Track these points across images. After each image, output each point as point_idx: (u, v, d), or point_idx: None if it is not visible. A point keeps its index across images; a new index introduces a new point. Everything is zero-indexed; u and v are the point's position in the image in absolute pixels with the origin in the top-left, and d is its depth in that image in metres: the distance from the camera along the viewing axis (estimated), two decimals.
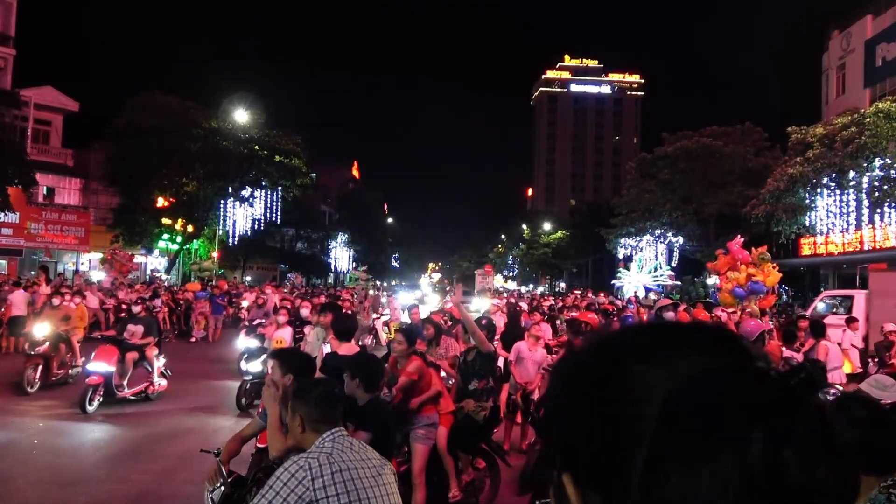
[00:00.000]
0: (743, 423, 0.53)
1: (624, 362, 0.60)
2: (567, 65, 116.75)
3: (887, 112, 26.06)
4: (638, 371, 0.58)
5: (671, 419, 0.54)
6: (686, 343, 0.62)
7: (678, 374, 0.57)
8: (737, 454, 0.52)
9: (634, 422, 0.56)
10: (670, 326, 0.69)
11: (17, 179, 28.49)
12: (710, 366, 0.58)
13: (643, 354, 0.60)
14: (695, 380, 0.57)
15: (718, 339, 0.62)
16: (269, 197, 41.14)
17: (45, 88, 37.29)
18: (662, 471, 0.53)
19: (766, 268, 20.47)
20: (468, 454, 6.12)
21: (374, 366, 4.33)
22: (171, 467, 7.30)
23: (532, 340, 8.47)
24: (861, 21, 37.80)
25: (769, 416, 0.54)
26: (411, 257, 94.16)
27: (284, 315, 10.57)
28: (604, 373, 0.61)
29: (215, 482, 3.76)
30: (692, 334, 0.64)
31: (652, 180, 41.31)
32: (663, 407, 0.55)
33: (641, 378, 0.58)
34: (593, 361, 0.64)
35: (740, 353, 0.60)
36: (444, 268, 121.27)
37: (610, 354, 0.63)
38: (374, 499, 2.59)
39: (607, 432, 0.57)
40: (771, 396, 0.55)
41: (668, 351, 0.60)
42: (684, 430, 0.54)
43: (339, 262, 60.60)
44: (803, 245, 33.91)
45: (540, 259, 66.79)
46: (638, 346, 0.62)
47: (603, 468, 0.58)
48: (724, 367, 0.58)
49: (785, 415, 0.54)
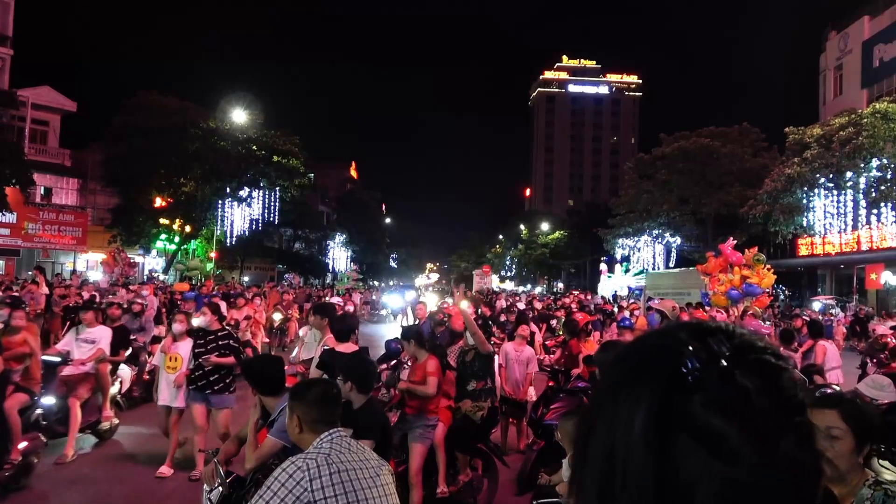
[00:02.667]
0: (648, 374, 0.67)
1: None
2: (565, 65, 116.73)
3: (885, 112, 26.12)
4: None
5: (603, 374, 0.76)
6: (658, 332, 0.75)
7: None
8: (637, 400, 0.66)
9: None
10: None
11: (14, 179, 28.43)
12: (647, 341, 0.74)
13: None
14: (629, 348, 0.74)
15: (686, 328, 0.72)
16: (267, 197, 41.10)
17: (43, 88, 37.24)
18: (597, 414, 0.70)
19: (761, 269, 20.48)
20: (466, 454, 6.12)
21: (367, 368, 4.32)
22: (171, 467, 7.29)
23: (519, 341, 8.47)
24: (858, 22, 37.89)
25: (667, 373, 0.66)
26: (409, 258, 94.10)
27: (182, 323, 7.54)
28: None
29: (213, 483, 3.76)
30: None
31: (650, 181, 41.35)
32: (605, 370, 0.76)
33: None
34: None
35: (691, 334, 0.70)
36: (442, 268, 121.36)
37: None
38: (372, 499, 2.59)
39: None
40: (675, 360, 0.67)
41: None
42: (609, 382, 0.72)
43: (338, 262, 60.55)
44: (800, 245, 33.97)
45: (538, 259, 66.78)
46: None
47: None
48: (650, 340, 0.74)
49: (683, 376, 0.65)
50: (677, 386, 0.64)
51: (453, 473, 6.06)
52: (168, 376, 7.11)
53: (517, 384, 8.21)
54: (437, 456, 5.72)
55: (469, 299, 8.67)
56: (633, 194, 42.78)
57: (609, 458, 0.66)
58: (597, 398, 0.73)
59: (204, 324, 7.21)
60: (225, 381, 7.00)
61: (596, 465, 0.67)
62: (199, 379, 6.88)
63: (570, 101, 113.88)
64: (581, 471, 0.70)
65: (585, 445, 0.70)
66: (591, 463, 0.68)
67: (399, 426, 5.75)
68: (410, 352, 5.95)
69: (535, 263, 67.96)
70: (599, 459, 0.67)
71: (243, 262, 46.91)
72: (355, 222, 61.21)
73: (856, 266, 31.12)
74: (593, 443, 0.69)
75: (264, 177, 39.71)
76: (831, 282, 35.76)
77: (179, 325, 7.45)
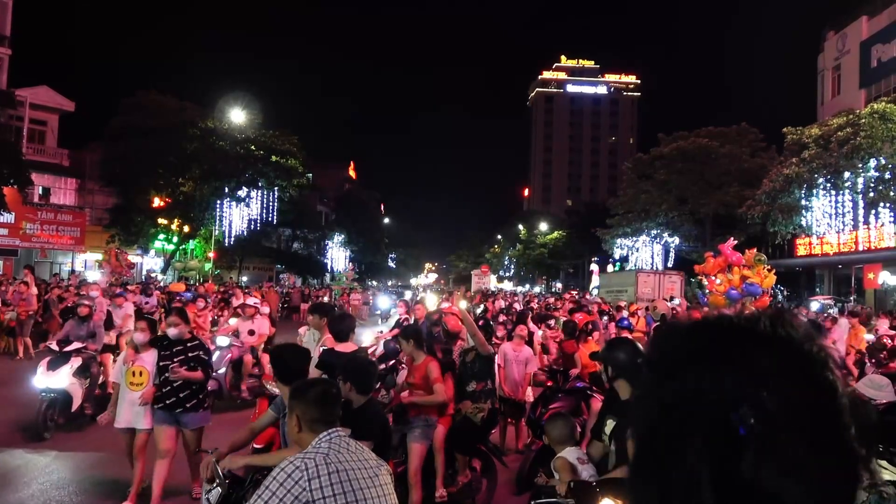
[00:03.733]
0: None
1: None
2: (563, 65, 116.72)
3: (883, 113, 26.14)
4: None
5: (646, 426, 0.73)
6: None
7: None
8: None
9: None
10: None
11: (12, 179, 28.41)
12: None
13: None
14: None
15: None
16: (265, 197, 41.10)
17: (41, 88, 37.21)
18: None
19: (761, 270, 20.48)
20: (465, 455, 6.12)
21: (366, 369, 4.31)
22: None
23: (517, 341, 8.47)
24: (857, 22, 37.92)
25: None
26: (408, 258, 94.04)
27: (145, 332, 6.32)
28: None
29: (212, 482, 3.76)
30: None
31: (648, 181, 41.37)
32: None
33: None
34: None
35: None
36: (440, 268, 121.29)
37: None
38: (371, 500, 2.59)
39: None
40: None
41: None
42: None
43: (336, 262, 60.52)
44: (799, 245, 34.00)
45: (536, 259, 66.80)
46: None
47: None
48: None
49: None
50: (729, 440, 0.60)
51: (452, 474, 6.06)
52: (132, 394, 6.05)
53: (516, 384, 8.22)
54: (436, 459, 5.71)
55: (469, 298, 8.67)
56: (631, 194, 42.80)
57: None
58: (645, 456, 0.68)
59: (176, 334, 6.14)
60: (198, 397, 6.05)
61: None
62: (168, 396, 5.93)
63: (569, 101, 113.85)
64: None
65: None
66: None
67: (398, 426, 5.75)
68: (408, 351, 5.94)
69: (534, 263, 67.99)
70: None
71: (242, 262, 46.89)
72: (354, 222, 61.19)
73: (854, 266, 31.17)
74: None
75: (263, 177, 39.70)
76: (829, 282, 35.80)
77: (141, 334, 6.28)
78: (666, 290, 23.04)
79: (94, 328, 9.57)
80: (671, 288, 23.59)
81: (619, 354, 3.87)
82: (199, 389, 6.07)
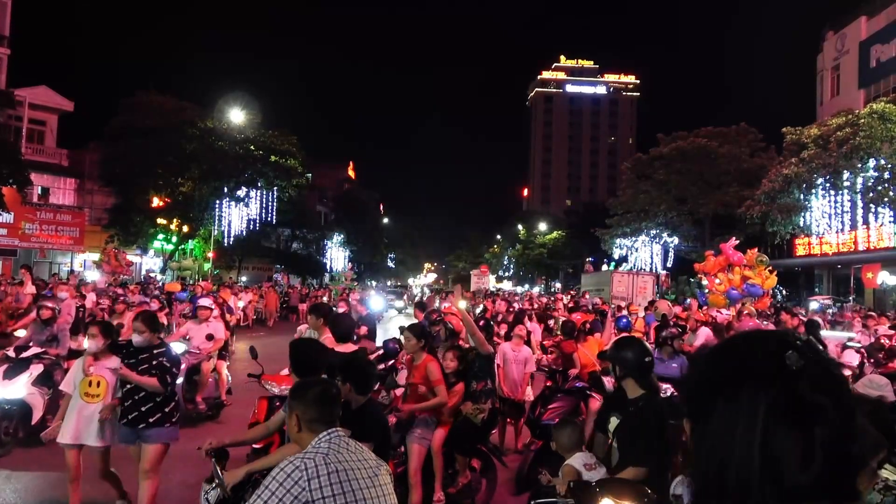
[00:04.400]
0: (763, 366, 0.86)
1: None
2: (563, 65, 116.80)
3: (882, 113, 26.16)
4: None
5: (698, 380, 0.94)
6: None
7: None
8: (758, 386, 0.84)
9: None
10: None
11: (11, 179, 28.40)
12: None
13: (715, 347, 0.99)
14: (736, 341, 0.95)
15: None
16: (264, 197, 41.08)
17: (40, 88, 37.20)
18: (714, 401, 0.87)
19: (763, 270, 20.47)
20: (466, 456, 6.12)
21: (365, 369, 4.30)
22: (167, 467, 7.27)
23: (516, 341, 8.47)
24: (856, 22, 37.95)
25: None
26: (407, 258, 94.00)
27: (97, 338, 5.45)
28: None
29: (211, 482, 3.75)
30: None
31: (647, 181, 41.41)
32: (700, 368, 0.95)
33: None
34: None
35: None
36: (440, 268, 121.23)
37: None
38: (370, 499, 2.59)
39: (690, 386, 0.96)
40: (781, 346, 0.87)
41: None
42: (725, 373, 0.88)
43: (335, 262, 60.50)
44: (798, 245, 34.03)
45: (535, 259, 66.80)
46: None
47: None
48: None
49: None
50: (784, 376, 0.82)
51: (452, 474, 6.06)
52: (86, 406, 5.37)
53: (515, 384, 8.22)
54: (435, 463, 5.70)
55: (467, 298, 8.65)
56: (630, 194, 42.83)
57: (732, 454, 0.81)
58: (702, 401, 0.88)
59: (142, 342, 5.43)
60: (163, 410, 5.37)
61: (716, 463, 0.81)
62: (130, 410, 5.29)
63: (568, 101, 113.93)
64: (705, 473, 0.85)
65: (702, 448, 0.85)
66: (713, 462, 0.82)
67: (398, 427, 5.74)
68: (410, 349, 5.92)
69: (533, 263, 67.99)
70: (720, 458, 0.81)
71: (241, 262, 46.89)
72: (353, 222, 61.17)
73: (853, 266, 31.19)
74: (710, 444, 0.84)
75: (262, 176, 39.69)
76: (828, 282, 35.82)
77: (94, 341, 5.46)
78: (638, 290, 24.59)
79: (57, 332, 8.81)
80: (643, 288, 24.98)
81: (627, 354, 3.89)
82: (163, 402, 5.38)
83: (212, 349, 9.98)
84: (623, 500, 3.33)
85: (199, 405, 9.68)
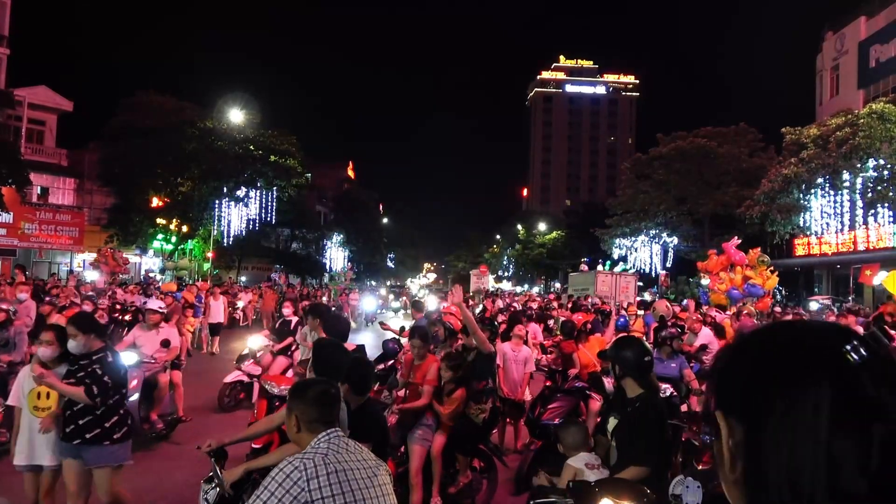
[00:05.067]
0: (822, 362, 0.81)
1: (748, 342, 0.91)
2: (562, 65, 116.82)
3: (881, 113, 26.17)
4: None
5: (758, 364, 0.85)
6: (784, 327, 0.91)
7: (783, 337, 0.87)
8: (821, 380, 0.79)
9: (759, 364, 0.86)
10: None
11: (10, 179, 28.41)
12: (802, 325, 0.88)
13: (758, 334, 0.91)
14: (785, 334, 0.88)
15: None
16: (264, 197, 41.09)
17: (39, 88, 37.21)
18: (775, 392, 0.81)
19: (764, 271, 20.48)
20: (466, 456, 6.12)
21: (363, 369, 4.31)
22: (167, 468, 7.29)
23: (516, 341, 8.47)
24: (855, 22, 37.96)
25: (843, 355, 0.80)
26: (407, 258, 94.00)
27: (52, 345, 4.84)
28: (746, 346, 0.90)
29: (210, 482, 3.75)
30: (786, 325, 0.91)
31: (647, 181, 41.43)
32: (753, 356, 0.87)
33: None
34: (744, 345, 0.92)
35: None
36: (439, 268, 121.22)
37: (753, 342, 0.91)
38: (369, 500, 2.58)
39: (733, 377, 0.88)
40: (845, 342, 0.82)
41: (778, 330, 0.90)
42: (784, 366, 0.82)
43: (335, 262, 60.49)
44: (797, 245, 34.04)
45: (535, 259, 66.78)
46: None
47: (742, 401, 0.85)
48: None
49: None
50: (847, 369, 0.79)
51: (453, 474, 6.06)
52: (35, 420, 4.79)
53: (515, 384, 8.22)
54: (434, 467, 5.70)
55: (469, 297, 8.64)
56: (630, 194, 42.85)
57: (802, 459, 0.76)
58: (755, 397, 0.83)
59: (76, 348, 4.75)
60: (102, 426, 4.70)
61: (783, 463, 0.77)
62: (67, 423, 4.68)
63: (568, 101, 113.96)
64: (769, 480, 0.79)
65: (759, 451, 0.81)
66: (778, 467, 0.78)
67: (398, 427, 5.74)
68: (415, 351, 5.93)
69: (533, 263, 67.96)
70: (788, 462, 0.77)
71: (240, 262, 46.88)
72: (352, 222, 61.17)
73: (852, 266, 31.19)
74: (773, 447, 0.79)
75: (261, 176, 39.70)
76: (828, 282, 35.83)
77: (48, 348, 4.83)
78: (621, 289, 25.45)
79: (12, 336, 8.07)
80: (626, 287, 26.00)
81: (626, 353, 3.90)
82: (103, 416, 4.71)
83: (167, 358, 8.66)
84: (622, 500, 3.33)
85: (155, 424, 8.49)
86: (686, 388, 7.49)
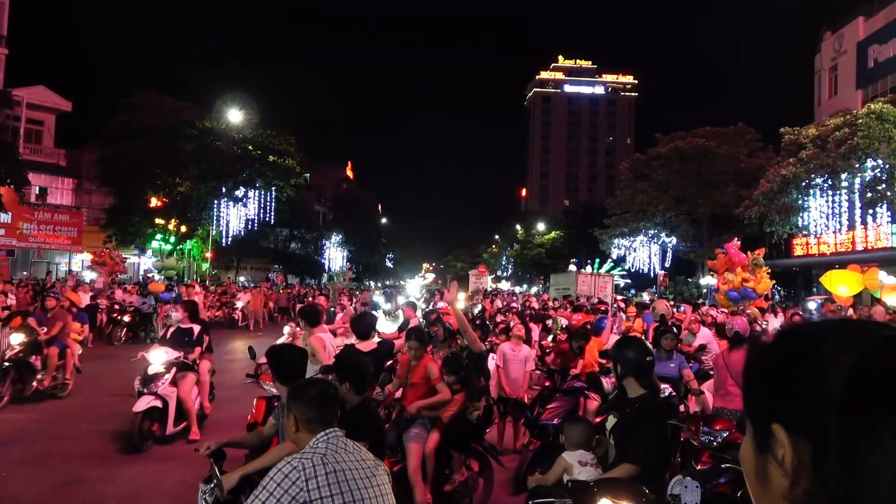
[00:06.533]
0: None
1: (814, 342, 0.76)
2: (561, 65, 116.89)
3: (879, 113, 26.18)
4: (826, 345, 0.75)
5: (857, 379, 0.70)
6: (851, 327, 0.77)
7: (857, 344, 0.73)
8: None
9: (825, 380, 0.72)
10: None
11: (9, 179, 28.37)
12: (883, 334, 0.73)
13: (827, 335, 0.76)
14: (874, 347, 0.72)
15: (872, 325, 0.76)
16: (262, 197, 41.07)
17: (38, 88, 37.18)
18: (858, 420, 0.68)
19: (760, 273, 20.56)
20: (461, 454, 6.12)
21: (365, 369, 4.31)
22: (166, 468, 7.27)
23: (515, 341, 8.47)
24: (853, 23, 37.97)
25: None
26: (405, 258, 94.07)
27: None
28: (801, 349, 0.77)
29: (210, 482, 3.75)
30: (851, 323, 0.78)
31: (645, 181, 41.43)
32: (850, 369, 0.71)
33: (829, 349, 0.74)
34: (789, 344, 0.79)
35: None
36: (438, 268, 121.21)
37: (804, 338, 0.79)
38: (368, 499, 2.58)
39: (810, 389, 0.73)
40: None
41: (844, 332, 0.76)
42: (871, 388, 0.70)
43: (334, 262, 60.49)
44: (796, 245, 34.05)
45: (534, 259, 66.76)
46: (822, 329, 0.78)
47: (807, 417, 0.73)
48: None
49: None
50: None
51: (448, 473, 6.06)
52: None
53: (516, 384, 8.22)
54: (427, 464, 5.70)
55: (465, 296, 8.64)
56: (628, 194, 42.85)
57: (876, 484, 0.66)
58: (856, 423, 0.70)
59: None
60: None
61: (884, 497, 0.67)
62: None
63: (567, 101, 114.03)
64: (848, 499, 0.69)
65: (847, 473, 0.68)
66: (875, 494, 0.67)
67: (394, 425, 5.74)
68: (412, 353, 5.94)
69: (532, 263, 67.94)
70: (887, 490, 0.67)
71: (239, 262, 46.85)
72: (351, 222, 61.16)
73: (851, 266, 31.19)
74: (870, 473, 0.67)
75: (260, 176, 39.67)
76: None
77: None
78: (599, 289, 26.00)
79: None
80: (603, 287, 26.49)
81: (628, 353, 3.90)
82: None
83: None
84: (621, 499, 3.33)
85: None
86: (685, 388, 7.49)
